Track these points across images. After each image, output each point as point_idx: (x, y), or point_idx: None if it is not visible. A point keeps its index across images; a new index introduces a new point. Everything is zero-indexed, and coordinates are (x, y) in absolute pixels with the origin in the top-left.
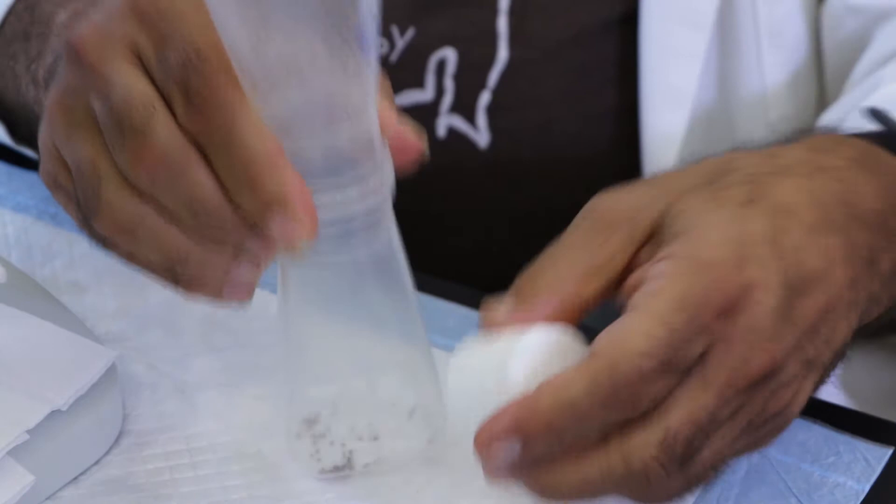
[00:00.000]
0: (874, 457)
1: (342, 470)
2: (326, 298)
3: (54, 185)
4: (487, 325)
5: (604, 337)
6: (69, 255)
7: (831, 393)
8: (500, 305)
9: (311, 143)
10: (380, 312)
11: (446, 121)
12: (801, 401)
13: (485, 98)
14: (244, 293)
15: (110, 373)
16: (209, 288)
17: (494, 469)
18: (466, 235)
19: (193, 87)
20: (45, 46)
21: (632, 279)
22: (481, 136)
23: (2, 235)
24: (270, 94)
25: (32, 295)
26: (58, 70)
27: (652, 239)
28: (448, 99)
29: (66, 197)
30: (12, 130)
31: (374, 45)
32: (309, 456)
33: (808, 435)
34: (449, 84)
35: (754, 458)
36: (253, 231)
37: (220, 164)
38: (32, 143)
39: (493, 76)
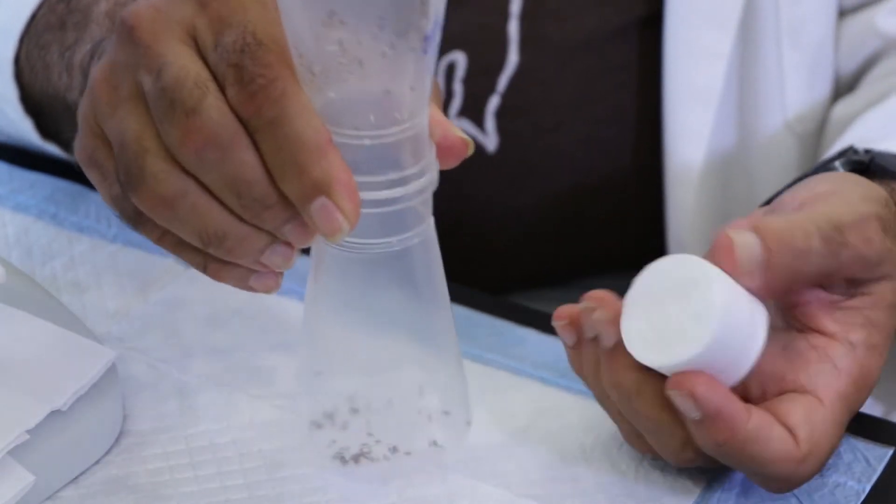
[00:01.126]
0: (874, 457)
1: (358, 463)
2: (358, 289)
3: (89, 162)
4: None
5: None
6: (69, 255)
7: None
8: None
9: (362, 138)
10: (410, 309)
11: (455, 125)
12: None
13: (494, 102)
14: (273, 281)
15: (110, 373)
16: (239, 272)
17: None
18: (472, 238)
19: (247, 71)
20: (82, 35)
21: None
22: (490, 140)
23: (2, 235)
24: (327, 84)
25: (32, 295)
26: (105, 47)
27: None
28: (457, 103)
29: (100, 174)
30: (39, 126)
31: (435, 51)
32: (326, 447)
33: None
34: (458, 88)
35: None
36: (293, 215)
37: (267, 148)
38: (58, 139)
39: (503, 80)
